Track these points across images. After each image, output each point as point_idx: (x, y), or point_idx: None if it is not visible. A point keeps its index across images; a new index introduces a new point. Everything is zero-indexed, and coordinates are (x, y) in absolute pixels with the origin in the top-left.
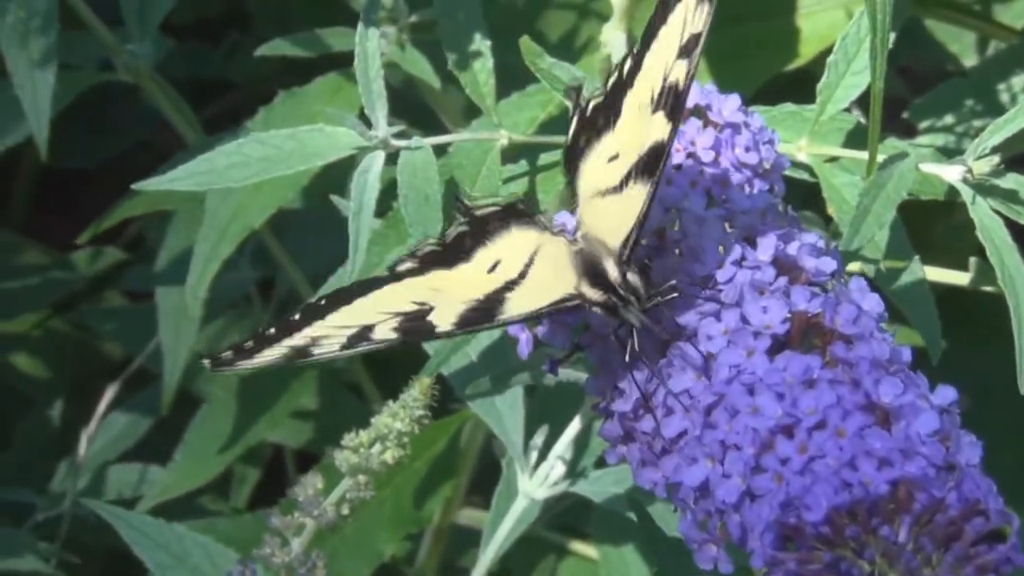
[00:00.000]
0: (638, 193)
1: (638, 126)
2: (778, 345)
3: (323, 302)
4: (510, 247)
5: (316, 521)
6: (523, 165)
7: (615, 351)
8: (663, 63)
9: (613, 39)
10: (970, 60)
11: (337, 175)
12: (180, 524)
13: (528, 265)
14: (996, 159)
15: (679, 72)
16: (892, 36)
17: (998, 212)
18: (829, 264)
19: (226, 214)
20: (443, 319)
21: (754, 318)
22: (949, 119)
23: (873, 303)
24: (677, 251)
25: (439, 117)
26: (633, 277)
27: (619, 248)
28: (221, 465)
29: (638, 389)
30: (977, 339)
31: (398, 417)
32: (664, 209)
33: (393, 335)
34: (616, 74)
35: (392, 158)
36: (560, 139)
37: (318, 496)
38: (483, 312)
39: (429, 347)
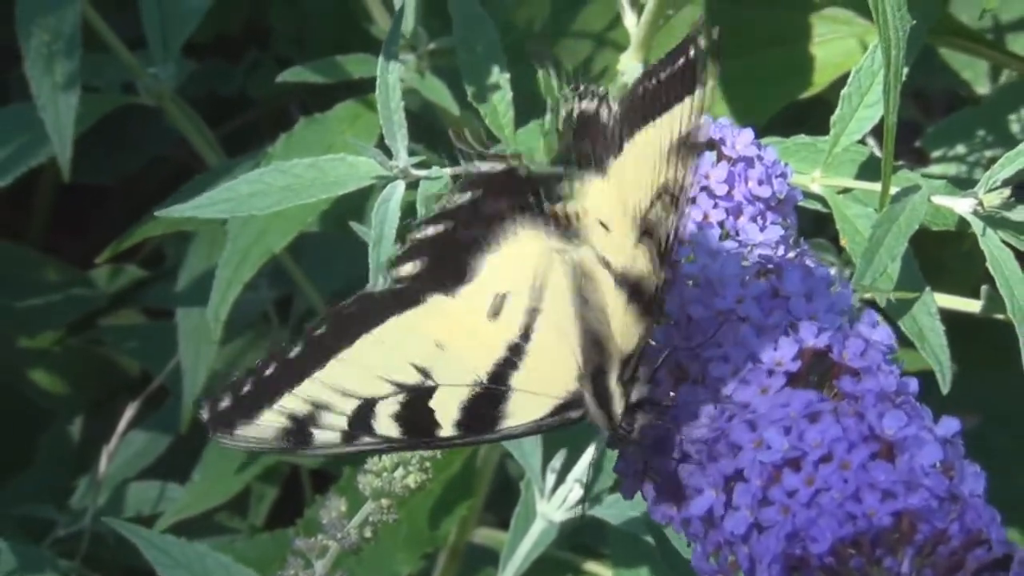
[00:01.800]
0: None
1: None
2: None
3: (324, 328)
4: (515, 267)
5: (339, 544)
6: None
7: None
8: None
9: (630, 68)
10: (983, 87)
11: (355, 198)
12: (201, 543)
13: (532, 315)
14: (1007, 192)
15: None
16: (905, 70)
17: (1009, 244)
18: (844, 299)
19: (248, 239)
20: (445, 412)
21: (765, 356)
22: (961, 148)
23: (882, 335)
24: (691, 283)
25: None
26: (636, 393)
27: (620, 367)
28: (239, 484)
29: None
30: (989, 362)
31: None
32: (679, 243)
33: (395, 431)
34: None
35: (412, 184)
36: None
37: (342, 519)
38: (487, 407)
39: None
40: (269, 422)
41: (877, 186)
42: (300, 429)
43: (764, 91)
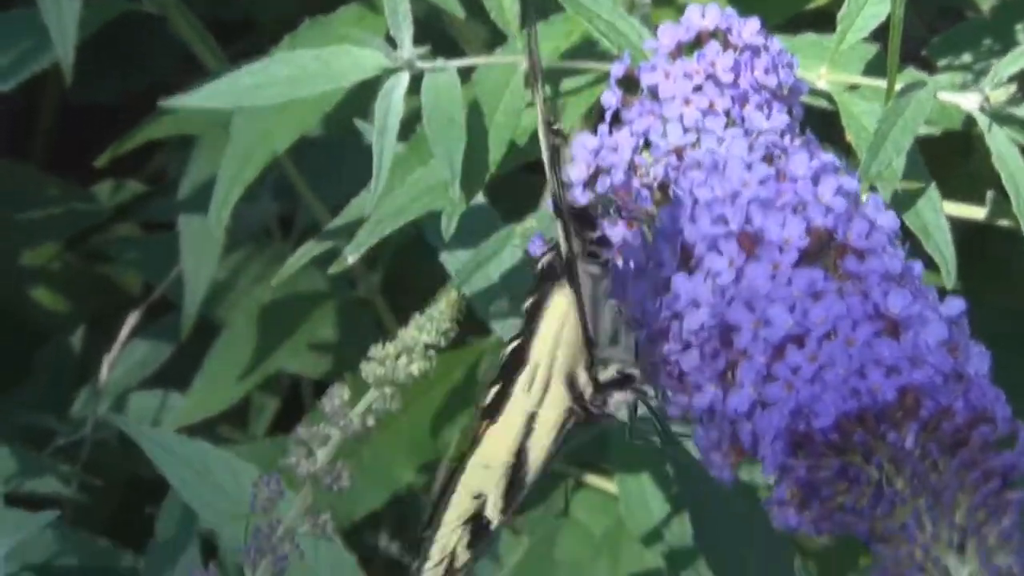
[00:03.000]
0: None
1: None
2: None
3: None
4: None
5: (342, 432)
6: (546, 91)
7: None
8: None
9: None
10: (988, 3)
11: (359, 106)
12: (202, 441)
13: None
14: (1013, 88)
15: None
16: None
17: (1015, 142)
18: (850, 182)
19: (251, 139)
20: (492, 509)
21: (773, 233)
22: (967, 58)
23: (888, 219)
24: (697, 167)
25: (462, 48)
26: (606, 374)
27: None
28: (240, 392)
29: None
30: (993, 283)
31: (424, 330)
32: (684, 129)
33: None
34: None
35: (416, 86)
36: (584, 64)
37: (344, 407)
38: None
39: (450, 266)
40: None
41: (883, 83)
42: None
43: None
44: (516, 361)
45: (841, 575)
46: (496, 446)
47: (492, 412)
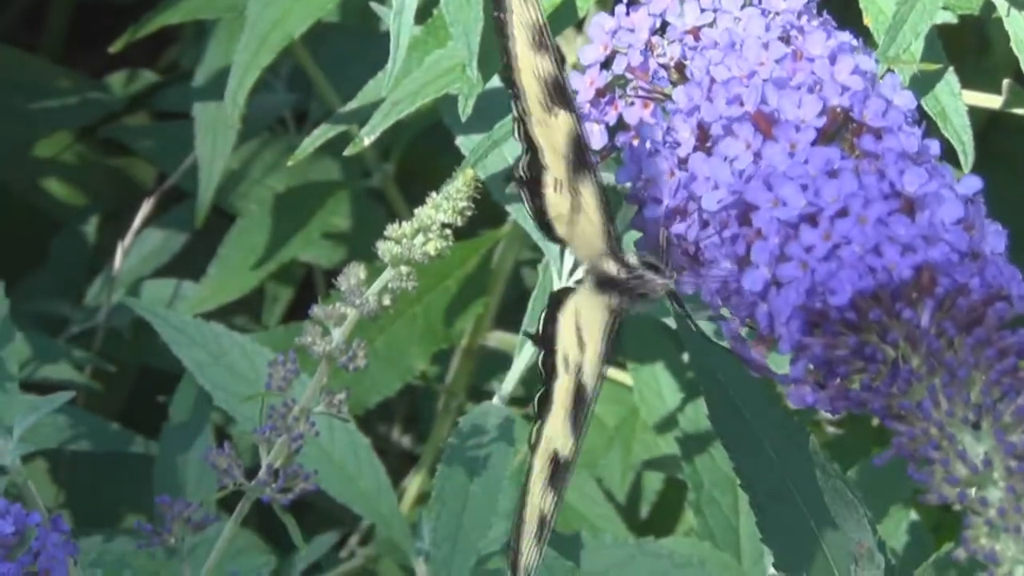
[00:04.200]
0: (589, 193)
1: (551, 139)
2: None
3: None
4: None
5: (358, 310)
6: None
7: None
8: (531, 70)
9: None
10: None
11: None
12: (217, 324)
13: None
14: None
15: (546, 66)
16: None
17: None
18: (868, 62)
19: (267, 22)
20: (565, 448)
21: (789, 112)
22: None
23: (905, 99)
24: (716, 46)
25: None
26: (634, 259)
27: (606, 245)
28: (255, 280)
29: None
30: (1007, 182)
31: (441, 208)
32: (701, 9)
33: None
34: (516, 124)
35: None
36: None
37: (360, 286)
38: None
39: (464, 147)
40: None
41: None
42: None
43: None
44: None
45: (853, 464)
46: (553, 428)
47: (542, 413)
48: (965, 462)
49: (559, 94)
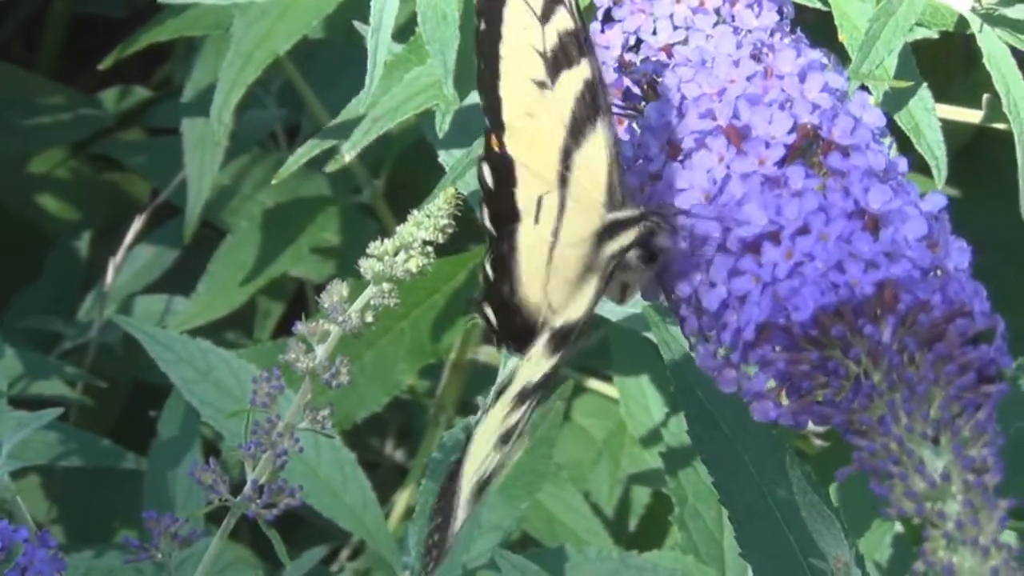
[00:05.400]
0: (596, 149)
1: (540, 129)
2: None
3: None
4: None
5: (340, 327)
6: None
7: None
8: (527, 54)
9: None
10: None
11: (363, 11)
12: (204, 340)
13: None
14: None
15: (561, 24)
16: None
17: (1006, 42)
18: (837, 79)
19: (252, 40)
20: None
21: (760, 128)
22: None
23: (874, 116)
24: (688, 64)
25: None
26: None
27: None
28: (244, 296)
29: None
30: (993, 195)
31: (422, 226)
32: (674, 27)
33: None
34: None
35: None
36: None
37: (343, 303)
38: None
39: (446, 163)
40: None
41: None
42: None
43: None
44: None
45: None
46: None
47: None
48: (923, 476)
49: (571, 48)
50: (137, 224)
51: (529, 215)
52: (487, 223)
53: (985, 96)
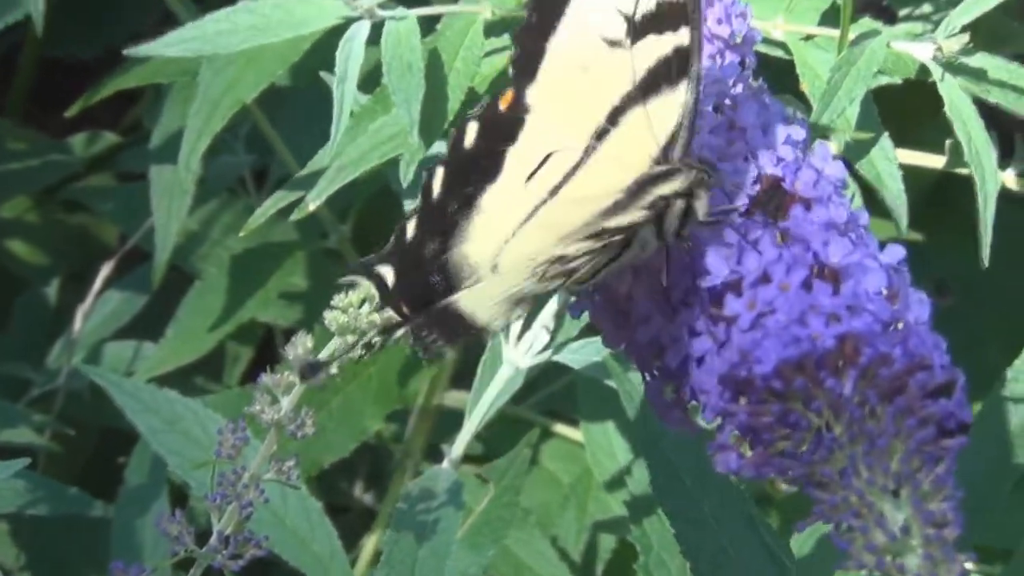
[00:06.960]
0: (667, 108)
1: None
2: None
3: None
4: None
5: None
6: (505, 39)
7: None
8: (605, 14)
9: None
10: None
11: (329, 59)
12: (171, 390)
13: None
14: (965, 38)
15: None
16: None
17: (967, 91)
18: (799, 131)
19: (219, 88)
20: None
21: (725, 182)
22: (927, 7)
23: (835, 168)
24: None
25: None
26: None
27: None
28: (212, 342)
29: None
30: (959, 234)
31: None
32: None
33: None
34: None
35: (379, 36)
36: None
37: (308, 355)
38: None
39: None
40: None
41: (838, 32)
42: None
43: None
44: None
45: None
46: None
47: None
48: (884, 530)
49: (670, 17)
50: (106, 270)
51: (514, 173)
52: (436, 183)
53: (948, 141)
